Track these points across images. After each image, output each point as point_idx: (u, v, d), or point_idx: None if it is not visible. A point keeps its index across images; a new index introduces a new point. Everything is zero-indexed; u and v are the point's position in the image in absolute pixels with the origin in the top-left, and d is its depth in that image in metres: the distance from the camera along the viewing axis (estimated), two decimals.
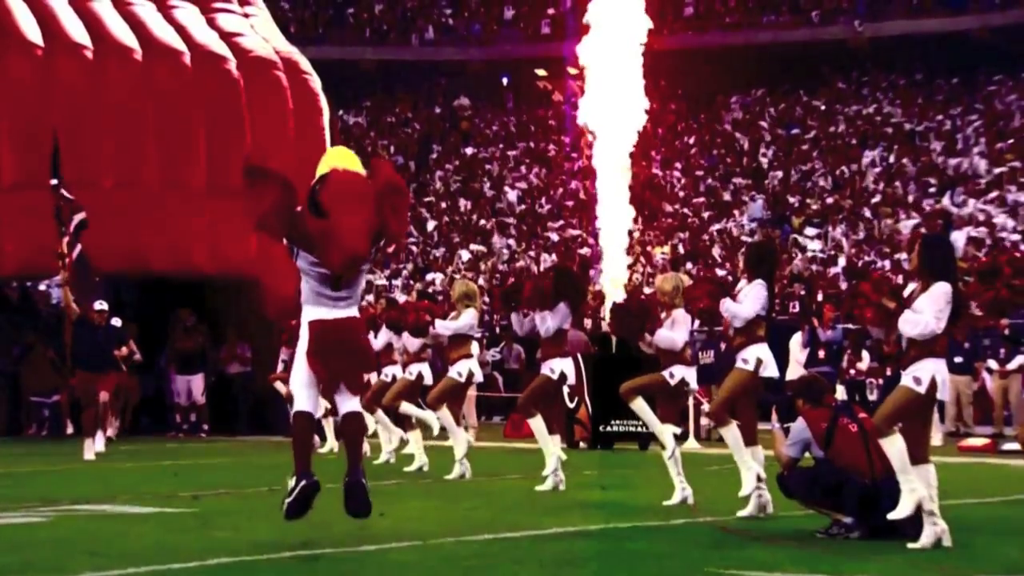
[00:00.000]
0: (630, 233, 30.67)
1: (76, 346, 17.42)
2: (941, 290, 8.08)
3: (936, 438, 18.00)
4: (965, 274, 8.48)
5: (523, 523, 9.50)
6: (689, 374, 10.85)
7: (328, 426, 18.35)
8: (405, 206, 8.77)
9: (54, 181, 17.62)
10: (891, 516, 8.20)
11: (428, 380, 14.78)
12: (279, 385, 20.06)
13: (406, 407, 14.63)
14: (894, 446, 8.15)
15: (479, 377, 14.01)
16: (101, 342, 17.23)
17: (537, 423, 12.22)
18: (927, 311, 8.05)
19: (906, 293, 8.38)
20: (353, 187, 8.23)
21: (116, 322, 18.77)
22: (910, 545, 8.09)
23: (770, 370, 10.00)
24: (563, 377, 12.17)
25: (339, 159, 8.51)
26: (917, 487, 8.09)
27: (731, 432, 10.16)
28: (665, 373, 10.83)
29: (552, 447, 12.17)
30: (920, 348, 8.12)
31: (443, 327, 13.54)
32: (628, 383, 11.02)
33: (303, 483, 8.38)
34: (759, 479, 9.92)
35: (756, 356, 9.97)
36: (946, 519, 8.18)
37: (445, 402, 13.58)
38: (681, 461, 10.91)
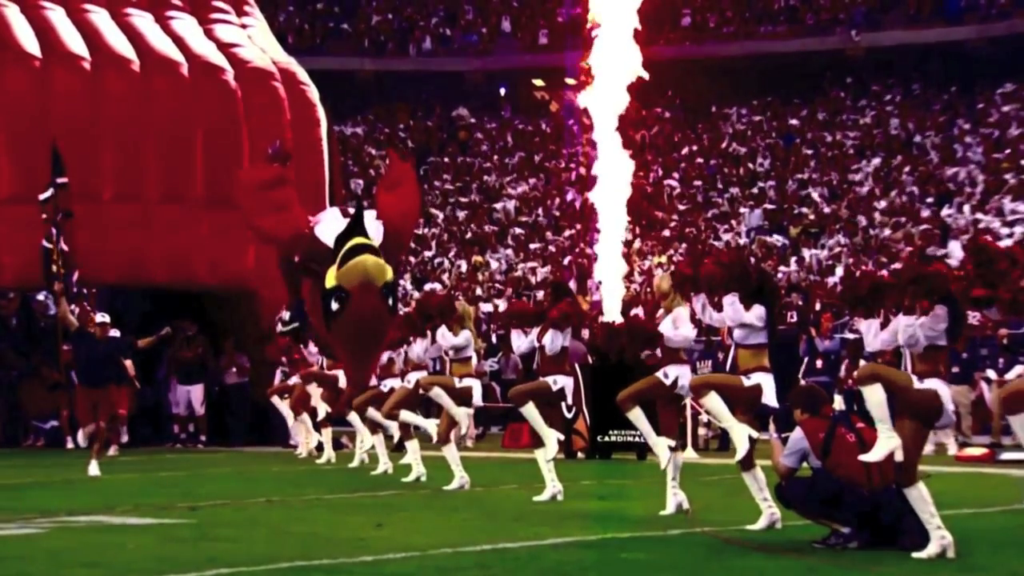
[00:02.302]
0: (628, 243, 30.83)
1: (76, 360, 17.21)
2: (938, 312, 8.10)
3: (950, 446, 18.00)
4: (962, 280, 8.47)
5: (521, 533, 9.49)
6: (683, 373, 10.82)
7: (326, 437, 18.35)
8: (412, 229, 8.97)
9: (45, 194, 17.49)
10: (863, 457, 8.25)
11: None
12: (277, 401, 20.06)
13: (406, 415, 14.58)
14: (874, 395, 8.14)
15: (478, 399, 13.98)
16: (101, 356, 16.87)
17: (529, 410, 12.14)
18: (922, 325, 8.08)
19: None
20: (369, 329, 8.43)
21: (114, 333, 18.64)
22: (915, 555, 8.08)
23: (769, 398, 9.93)
24: (561, 393, 12.16)
25: (363, 274, 8.47)
26: (895, 436, 8.09)
27: (711, 400, 10.05)
28: (659, 374, 10.81)
29: (550, 430, 12.11)
30: (925, 365, 8.13)
31: (442, 337, 13.52)
32: (624, 392, 11.00)
33: None
34: (751, 439, 9.85)
35: (758, 381, 9.94)
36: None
37: (436, 385, 13.62)
38: (679, 468, 10.89)
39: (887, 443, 8.09)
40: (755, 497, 9.84)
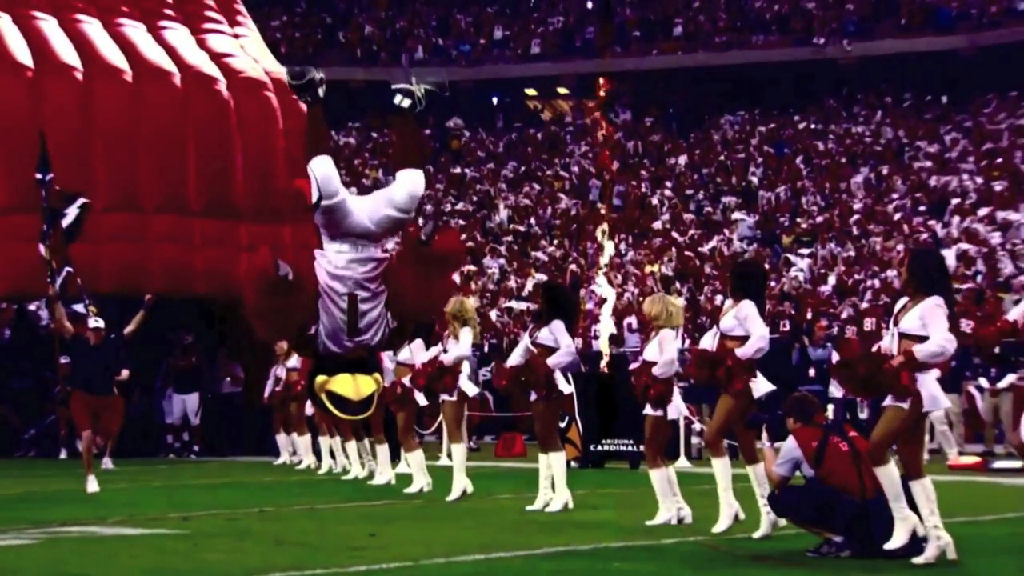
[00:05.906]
0: (621, 253, 30.84)
1: (73, 367, 17.03)
2: (938, 306, 8.09)
3: (951, 454, 18.00)
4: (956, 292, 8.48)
5: (514, 543, 9.48)
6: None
7: (324, 445, 18.33)
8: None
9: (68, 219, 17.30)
10: (887, 546, 8.21)
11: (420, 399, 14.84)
12: (281, 439, 20.07)
13: (416, 473, 14.45)
14: (888, 475, 8.17)
15: (472, 391, 13.95)
16: (97, 361, 16.32)
17: (559, 458, 12.10)
18: (938, 334, 8.04)
19: (897, 307, 8.41)
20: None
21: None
22: (914, 560, 8.08)
23: (761, 388, 9.96)
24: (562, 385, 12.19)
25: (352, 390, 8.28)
26: (909, 515, 8.12)
27: (722, 464, 10.12)
28: (656, 413, 10.79)
29: (565, 490, 12.07)
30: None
31: (451, 358, 13.28)
32: (649, 464, 10.90)
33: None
34: (736, 520, 9.97)
35: None
36: None
37: (460, 430, 13.57)
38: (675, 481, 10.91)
39: (905, 527, 8.17)
40: (755, 492, 9.89)
